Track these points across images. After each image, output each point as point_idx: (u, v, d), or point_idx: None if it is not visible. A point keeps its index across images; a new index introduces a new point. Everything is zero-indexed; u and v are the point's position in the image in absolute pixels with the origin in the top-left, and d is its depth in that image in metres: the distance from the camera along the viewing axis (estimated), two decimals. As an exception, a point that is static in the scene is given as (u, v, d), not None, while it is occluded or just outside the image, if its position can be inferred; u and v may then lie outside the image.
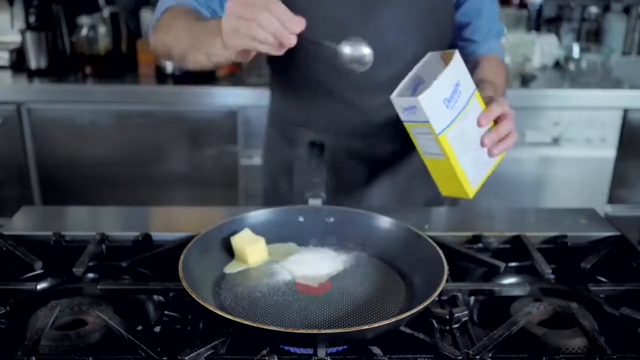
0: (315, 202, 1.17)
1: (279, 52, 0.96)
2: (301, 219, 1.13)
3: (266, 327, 0.81)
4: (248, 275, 1.01)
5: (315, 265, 1.03)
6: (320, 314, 0.90)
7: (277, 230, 1.11)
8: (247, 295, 0.95)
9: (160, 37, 1.22)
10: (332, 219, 1.13)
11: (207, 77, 2.45)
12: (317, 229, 1.12)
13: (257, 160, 2.36)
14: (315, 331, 0.83)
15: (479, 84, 1.28)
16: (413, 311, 0.83)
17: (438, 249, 0.98)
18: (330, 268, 1.03)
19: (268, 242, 1.07)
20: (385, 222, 1.10)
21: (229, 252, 1.05)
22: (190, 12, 1.19)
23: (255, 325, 0.82)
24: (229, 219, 1.08)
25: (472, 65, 1.40)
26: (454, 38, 1.43)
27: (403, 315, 0.82)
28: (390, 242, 1.07)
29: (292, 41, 0.94)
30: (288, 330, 0.81)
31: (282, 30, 0.92)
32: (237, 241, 1.03)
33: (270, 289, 0.96)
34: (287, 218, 1.12)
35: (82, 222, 1.28)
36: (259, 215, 1.11)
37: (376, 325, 0.81)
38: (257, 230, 1.08)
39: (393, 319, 0.81)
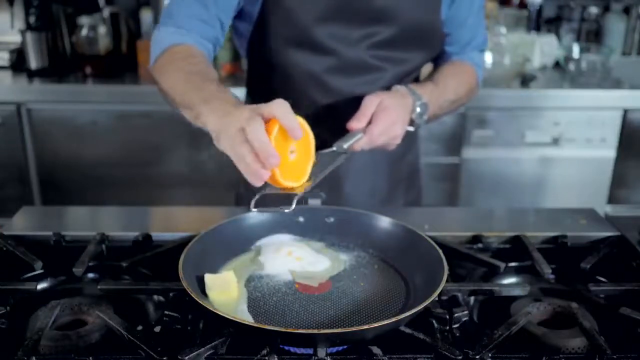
0: (315, 202, 1.17)
1: (253, 180, 0.90)
2: (301, 219, 1.12)
3: (266, 327, 0.81)
4: (248, 275, 1.01)
5: (315, 265, 1.03)
6: (320, 314, 0.90)
7: (276, 230, 1.11)
8: (247, 296, 0.95)
9: (160, 82, 1.16)
10: (332, 219, 1.13)
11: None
12: (317, 229, 1.12)
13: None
14: (315, 331, 0.83)
15: (422, 81, 1.30)
16: (413, 311, 0.83)
17: (438, 248, 0.98)
18: (330, 268, 1.03)
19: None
20: (385, 222, 1.09)
21: (229, 252, 1.05)
22: (188, 56, 1.14)
23: (255, 325, 0.82)
24: (229, 219, 1.08)
25: (435, 69, 1.38)
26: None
27: (403, 315, 0.82)
28: (391, 242, 1.07)
29: (265, 174, 0.89)
30: (288, 330, 0.80)
31: (262, 153, 0.87)
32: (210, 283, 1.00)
33: (270, 289, 0.96)
34: (287, 218, 1.12)
35: (82, 222, 1.28)
36: (258, 215, 1.11)
37: (376, 325, 0.81)
38: (257, 230, 1.08)
39: (393, 319, 0.81)
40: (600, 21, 2.91)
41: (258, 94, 1.40)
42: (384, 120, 1.12)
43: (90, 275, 1.08)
